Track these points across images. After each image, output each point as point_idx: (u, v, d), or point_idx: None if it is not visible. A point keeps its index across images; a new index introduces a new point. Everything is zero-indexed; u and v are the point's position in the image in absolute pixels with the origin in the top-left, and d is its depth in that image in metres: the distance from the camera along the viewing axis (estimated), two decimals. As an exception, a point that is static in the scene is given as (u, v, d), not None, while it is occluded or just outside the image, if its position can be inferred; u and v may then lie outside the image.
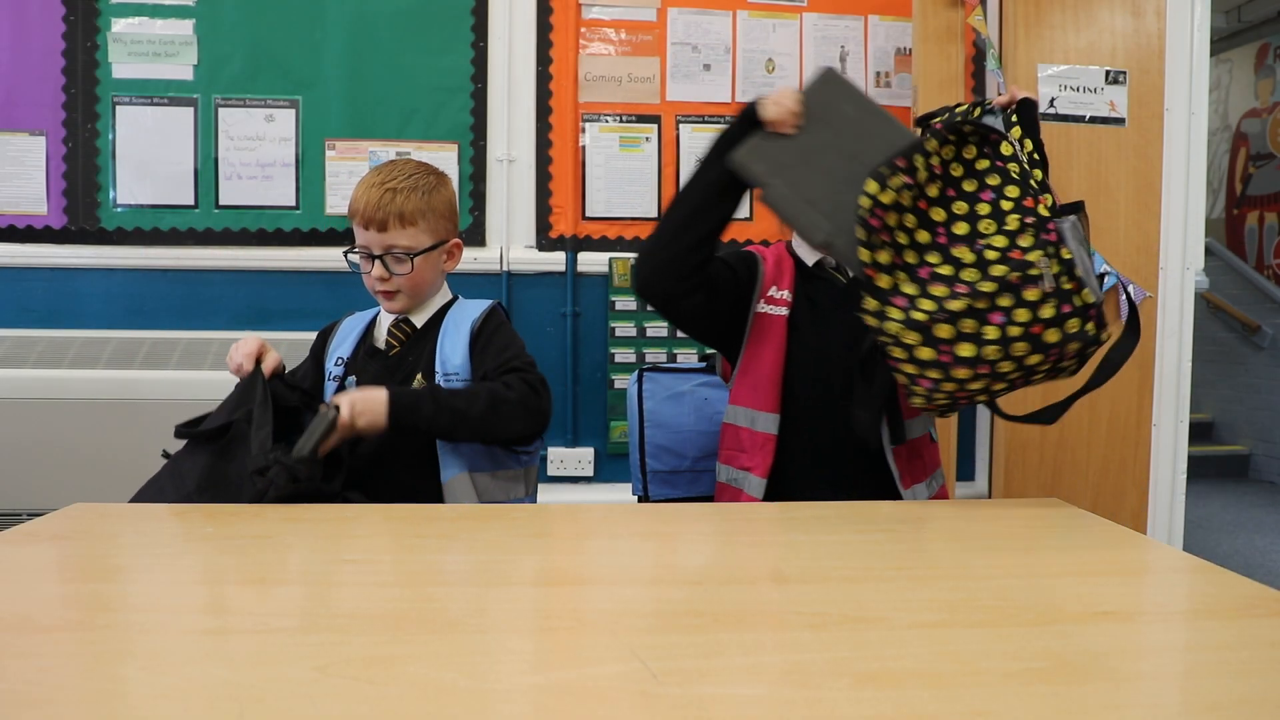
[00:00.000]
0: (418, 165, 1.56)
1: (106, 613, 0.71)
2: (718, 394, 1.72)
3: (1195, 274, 2.85)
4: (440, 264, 1.58)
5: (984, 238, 1.14)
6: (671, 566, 0.88)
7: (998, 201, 1.16)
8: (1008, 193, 1.16)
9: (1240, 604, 0.75)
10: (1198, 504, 4.36)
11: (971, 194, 1.18)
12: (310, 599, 0.75)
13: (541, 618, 0.73)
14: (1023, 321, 1.10)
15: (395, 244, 1.49)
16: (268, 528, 1.02)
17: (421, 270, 1.51)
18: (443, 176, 1.58)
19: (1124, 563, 0.89)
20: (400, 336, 1.57)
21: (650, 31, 2.89)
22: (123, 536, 0.95)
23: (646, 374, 1.77)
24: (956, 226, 1.16)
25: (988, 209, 1.16)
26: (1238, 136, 5.72)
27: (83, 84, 2.76)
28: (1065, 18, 2.73)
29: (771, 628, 0.69)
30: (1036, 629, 0.69)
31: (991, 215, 1.15)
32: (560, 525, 1.06)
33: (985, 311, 1.09)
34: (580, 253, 2.86)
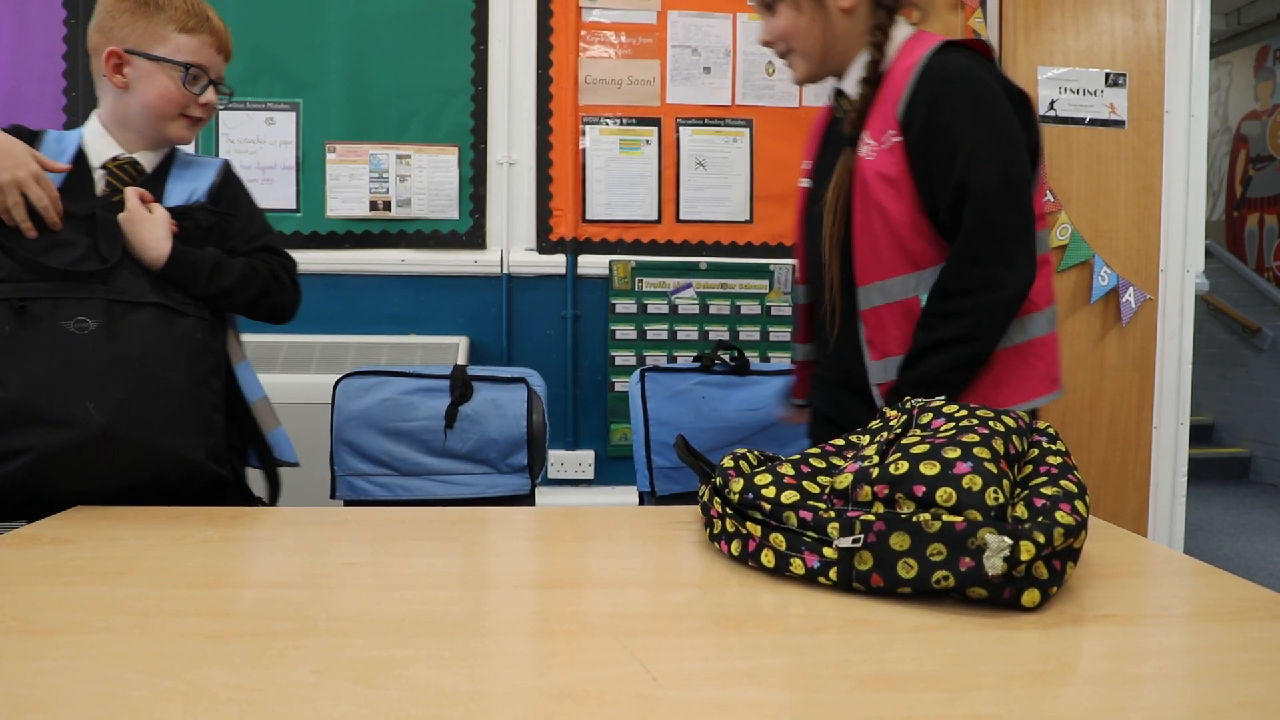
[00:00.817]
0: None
1: (106, 616, 0.71)
2: (716, 392, 1.83)
3: (1195, 276, 2.86)
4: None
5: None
6: (672, 569, 0.88)
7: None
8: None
9: (1241, 607, 0.75)
10: (1198, 506, 4.36)
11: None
12: (310, 602, 0.75)
13: (542, 620, 0.73)
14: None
15: (222, 77, 1.41)
16: (268, 530, 1.02)
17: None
18: None
19: (1124, 565, 0.88)
20: (122, 180, 1.33)
21: (650, 34, 2.89)
22: (122, 539, 0.95)
23: (648, 374, 1.82)
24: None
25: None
26: (1238, 139, 5.73)
27: (84, 87, 2.76)
28: (1065, 20, 2.73)
29: (772, 630, 0.69)
30: (1038, 632, 0.69)
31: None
32: (560, 527, 1.06)
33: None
34: (580, 255, 2.86)
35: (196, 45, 1.35)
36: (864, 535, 0.77)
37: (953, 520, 0.74)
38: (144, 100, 1.34)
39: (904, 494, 0.78)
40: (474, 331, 2.84)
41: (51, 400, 1.10)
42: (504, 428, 1.70)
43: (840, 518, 0.79)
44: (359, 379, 1.74)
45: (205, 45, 1.36)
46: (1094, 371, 2.76)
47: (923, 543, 0.74)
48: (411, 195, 2.83)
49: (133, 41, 1.33)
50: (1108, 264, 2.72)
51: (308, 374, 2.57)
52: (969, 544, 0.73)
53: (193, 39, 1.35)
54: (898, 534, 0.76)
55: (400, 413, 1.70)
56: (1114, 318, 2.76)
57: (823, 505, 0.82)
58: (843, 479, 0.83)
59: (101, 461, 1.12)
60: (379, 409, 1.71)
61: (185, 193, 1.37)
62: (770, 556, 0.83)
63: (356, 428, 1.70)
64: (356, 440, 1.69)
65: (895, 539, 0.75)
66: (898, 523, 0.76)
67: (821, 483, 0.86)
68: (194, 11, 1.36)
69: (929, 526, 0.75)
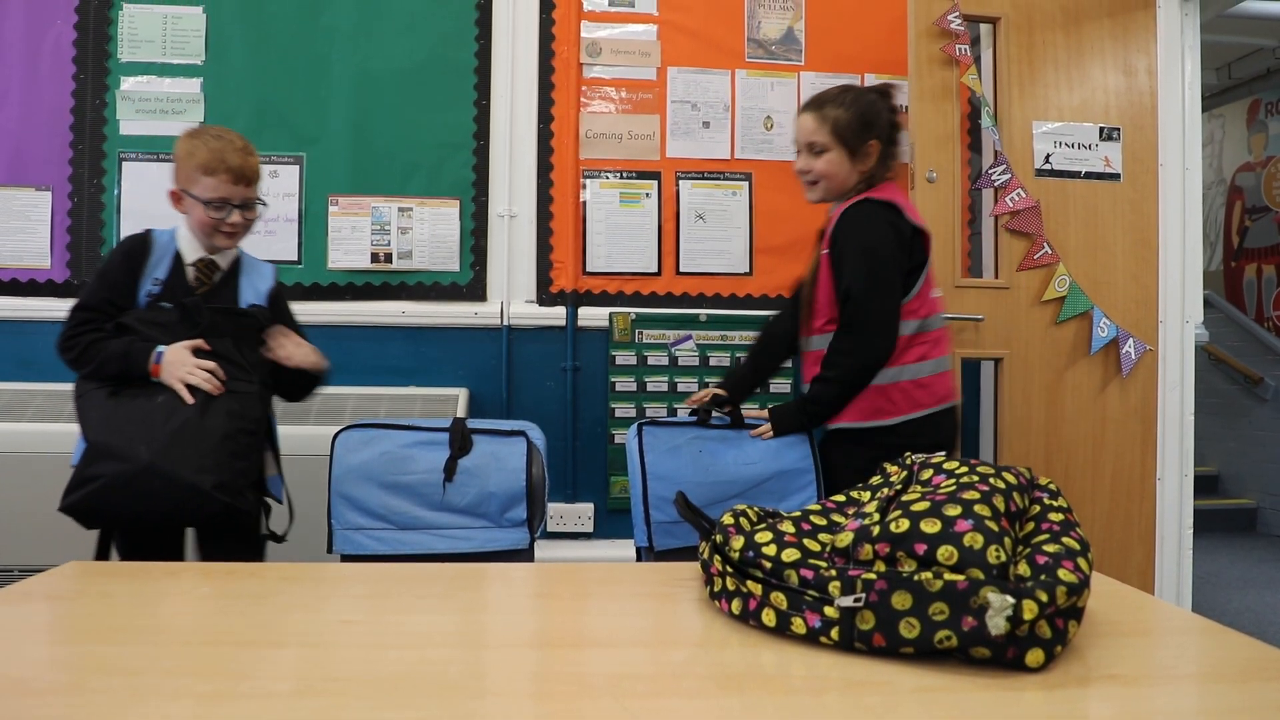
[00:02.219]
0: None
1: (101, 676, 0.70)
2: (713, 446, 1.84)
3: (1195, 327, 2.86)
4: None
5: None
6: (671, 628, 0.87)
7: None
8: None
9: (1249, 667, 0.74)
10: (1205, 559, 4.32)
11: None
12: (307, 661, 0.74)
13: (541, 681, 0.72)
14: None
15: (252, 197, 1.86)
16: (264, 586, 1.01)
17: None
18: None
19: (1131, 623, 0.87)
20: (206, 276, 1.86)
21: (650, 90, 2.94)
22: (118, 596, 0.94)
23: (645, 428, 1.81)
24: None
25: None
26: (1233, 190, 5.78)
27: (90, 140, 2.80)
28: (1058, 76, 2.78)
29: (773, 692, 0.68)
30: (1043, 693, 0.68)
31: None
32: (559, 584, 1.05)
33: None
34: (581, 307, 2.88)
35: (216, 183, 1.80)
36: (866, 594, 0.76)
37: (954, 579, 0.74)
38: (192, 224, 1.84)
39: (905, 552, 0.77)
40: (474, 383, 2.84)
41: (120, 442, 1.57)
42: (503, 481, 1.70)
43: (841, 576, 0.79)
44: (358, 432, 1.74)
45: (224, 182, 1.80)
46: (1096, 423, 2.76)
47: (925, 602, 0.74)
48: (413, 247, 2.85)
49: (180, 182, 1.83)
50: (1107, 315, 2.73)
51: (306, 425, 2.57)
52: (971, 603, 0.72)
53: (213, 179, 1.80)
54: (899, 593, 0.75)
55: (399, 466, 1.70)
56: (1114, 369, 2.76)
57: (824, 564, 0.82)
58: (844, 537, 0.82)
59: (146, 489, 1.55)
60: (378, 462, 1.69)
61: (252, 290, 1.91)
62: (771, 616, 0.82)
63: (355, 481, 1.68)
64: (354, 494, 1.68)
65: (897, 598, 0.75)
66: (899, 581, 0.75)
67: (822, 540, 0.86)
68: (214, 156, 1.81)
69: (930, 585, 0.74)
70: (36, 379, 2.70)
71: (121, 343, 1.74)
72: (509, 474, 1.71)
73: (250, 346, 1.85)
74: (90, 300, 1.78)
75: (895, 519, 0.80)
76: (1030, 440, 2.71)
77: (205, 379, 1.70)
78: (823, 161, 1.84)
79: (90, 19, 2.81)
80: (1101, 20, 2.80)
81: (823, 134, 1.83)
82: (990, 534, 0.76)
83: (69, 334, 1.75)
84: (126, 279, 1.80)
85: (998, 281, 2.73)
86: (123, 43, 2.82)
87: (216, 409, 1.70)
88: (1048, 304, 2.73)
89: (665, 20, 2.95)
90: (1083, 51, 2.79)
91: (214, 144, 1.82)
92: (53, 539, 2.44)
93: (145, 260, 1.82)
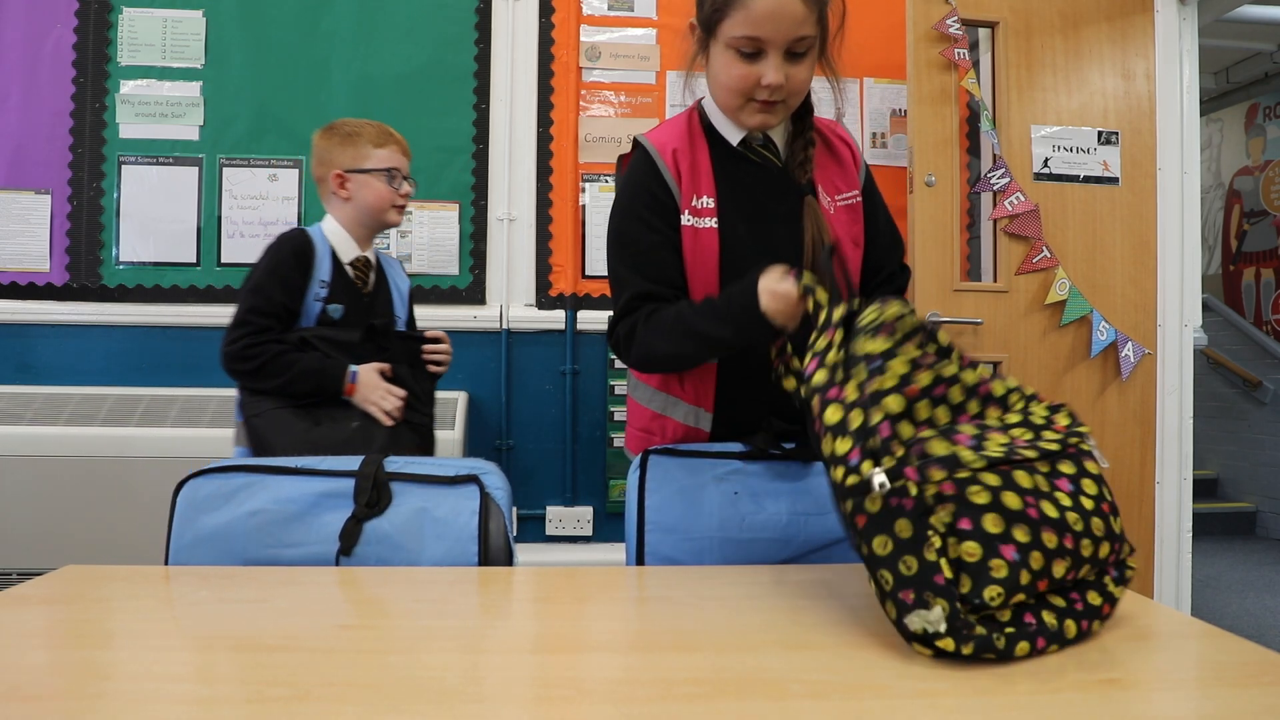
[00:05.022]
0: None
1: (98, 681, 0.70)
2: (756, 486, 1.26)
3: (1193, 330, 2.87)
4: None
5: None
6: (672, 632, 0.87)
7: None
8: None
9: (1250, 671, 0.74)
10: (1205, 562, 4.32)
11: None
12: (304, 666, 0.74)
13: (540, 686, 0.72)
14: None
15: (409, 172, 1.92)
16: (262, 591, 1.00)
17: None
18: None
19: (1129, 628, 0.87)
20: (364, 275, 1.87)
21: (650, 94, 2.94)
22: (115, 600, 0.94)
23: (653, 458, 1.28)
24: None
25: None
26: (1231, 194, 5.79)
27: (90, 144, 2.80)
28: (1057, 81, 2.78)
29: (772, 697, 0.68)
30: (1042, 697, 0.68)
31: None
32: (558, 589, 1.05)
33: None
34: (580, 311, 2.88)
35: (388, 154, 1.87)
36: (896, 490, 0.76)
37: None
38: (366, 203, 1.85)
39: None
40: (473, 386, 2.84)
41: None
42: (443, 552, 1.13)
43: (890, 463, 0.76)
44: (214, 479, 1.16)
45: (395, 153, 1.89)
46: (1095, 426, 2.76)
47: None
48: (412, 251, 2.85)
49: (346, 163, 1.85)
50: (1106, 319, 2.73)
51: (306, 429, 2.56)
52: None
53: (385, 150, 1.87)
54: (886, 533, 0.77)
55: (278, 534, 1.14)
56: (1114, 372, 2.76)
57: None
58: (940, 445, 0.77)
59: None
60: (243, 527, 1.14)
61: (397, 290, 1.96)
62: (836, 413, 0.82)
63: (205, 556, 1.13)
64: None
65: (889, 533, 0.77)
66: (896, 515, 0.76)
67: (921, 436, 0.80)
68: (381, 131, 1.89)
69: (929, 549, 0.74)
70: (35, 382, 2.71)
71: (313, 358, 1.68)
72: (452, 542, 1.14)
73: (422, 372, 1.85)
74: (267, 305, 1.69)
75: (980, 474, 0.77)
76: (1029, 444, 2.71)
77: (397, 406, 1.69)
78: (804, 68, 1.24)
79: (90, 22, 2.81)
80: (1100, 24, 2.81)
81: (810, 25, 1.21)
82: (1023, 563, 0.75)
83: (249, 343, 1.65)
84: (300, 280, 1.74)
85: (996, 285, 2.73)
86: (122, 46, 2.82)
87: (405, 439, 1.70)
88: (1047, 308, 2.73)
89: (664, 24, 2.95)
90: (1081, 55, 2.80)
91: (369, 124, 1.90)
92: (51, 542, 2.45)
93: (313, 259, 1.76)
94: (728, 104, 1.28)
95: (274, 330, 1.68)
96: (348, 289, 1.81)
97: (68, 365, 2.75)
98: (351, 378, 1.69)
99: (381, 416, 1.68)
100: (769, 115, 1.27)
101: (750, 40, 1.19)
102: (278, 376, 1.64)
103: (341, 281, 1.80)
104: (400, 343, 1.82)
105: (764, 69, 1.21)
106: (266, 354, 1.65)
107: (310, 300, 1.73)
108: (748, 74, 1.22)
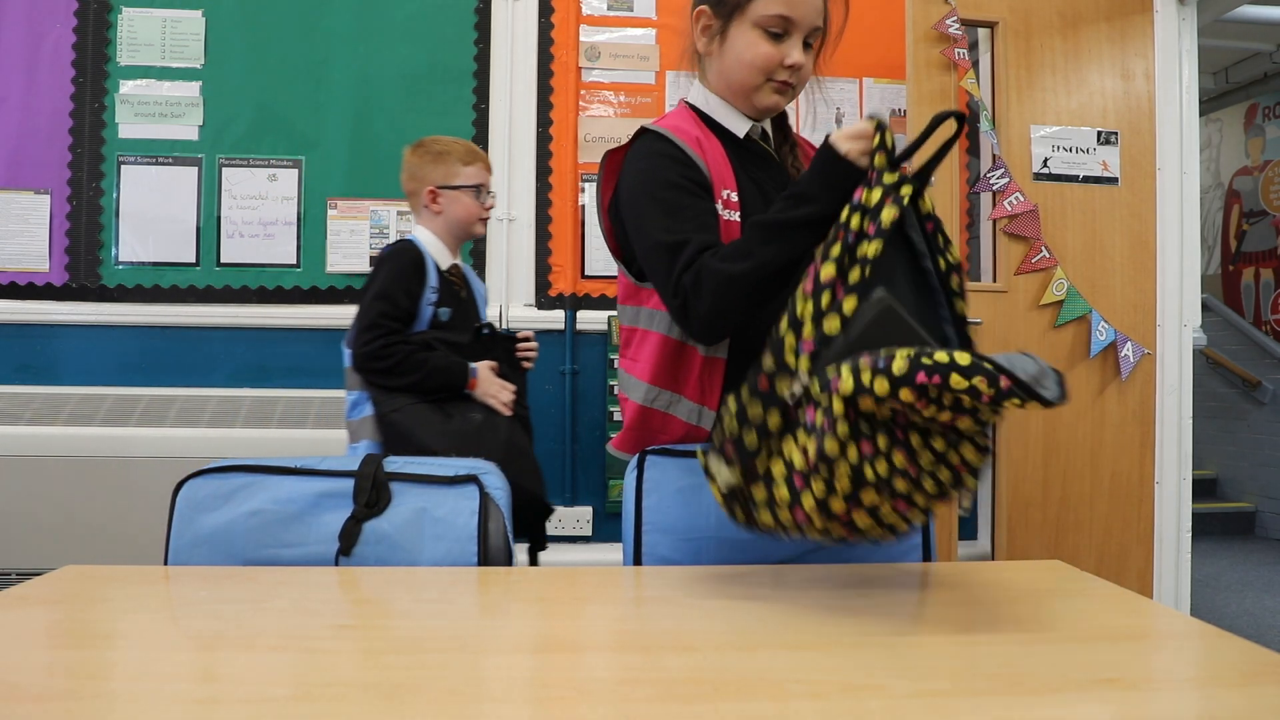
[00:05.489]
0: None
1: (96, 681, 0.70)
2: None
3: (1193, 330, 2.87)
4: None
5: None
6: (671, 632, 0.87)
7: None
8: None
9: (1248, 671, 0.74)
10: (1204, 562, 4.32)
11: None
12: (304, 666, 0.74)
13: (539, 687, 0.72)
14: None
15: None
16: (261, 591, 1.00)
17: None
18: None
19: (1128, 628, 0.87)
20: (458, 279, 2.03)
21: (649, 94, 2.94)
22: (115, 601, 0.94)
23: (650, 458, 1.25)
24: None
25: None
26: (1230, 194, 5.79)
27: (89, 144, 2.80)
28: (1056, 81, 2.78)
29: (772, 697, 0.68)
30: (1041, 697, 0.68)
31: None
32: (558, 588, 1.05)
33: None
34: (579, 311, 2.88)
35: (476, 171, 2.03)
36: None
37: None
38: (456, 216, 2.02)
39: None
40: (473, 386, 2.84)
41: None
42: (443, 552, 1.14)
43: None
44: (214, 479, 1.16)
45: (481, 170, 2.04)
46: (1094, 426, 2.76)
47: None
48: (412, 251, 2.85)
49: (438, 180, 2.01)
50: (1105, 319, 2.73)
51: (304, 429, 2.57)
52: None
53: (473, 168, 2.03)
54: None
55: (278, 533, 1.15)
56: (1113, 372, 2.76)
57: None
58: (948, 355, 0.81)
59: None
60: (243, 527, 1.14)
61: (480, 296, 2.12)
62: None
63: (204, 557, 1.14)
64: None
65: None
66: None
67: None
68: (469, 149, 2.05)
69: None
70: (34, 382, 2.71)
71: (439, 357, 1.86)
72: (451, 542, 1.14)
73: (517, 368, 2.05)
74: (394, 310, 1.86)
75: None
76: (1028, 444, 2.71)
77: (511, 399, 1.88)
78: (811, 60, 1.30)
79: (90, 22, 2.81)
80: (1099, 24, 2.81)
81: (822, 19, 1.27)
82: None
83: (385, 344, 1.82)
84: (418, 287, 1.91)
85: (996, 285, 2.73)
86: (122, 46, 2.82)
87: (518, 428, 1.88)
88: (1046, 308, 2.73)
89: (664, 24, 2.95)
90: (1080, 55, 2.80)
91: (457, 142, 2.06)
92: (50, 542, 2.45)
93: (425, 268, 1.94)
94: (747, 82, 1.28)
95: (400, 332, 1.86)
96: (451, 294, 1.98)
97: (67, 365, 2.75)
98: (472, 374, 1.87)
99: (501, 408, 1.86)
100: (782, 97, 1.29)
101: (781, 20, 1.23)
102: (411, 374, 1.82)
103: (446, 287, 1.97)
104: (502, 342, 2.03)
105: (788, 49, 1.24)
106: (399, 354, 1.82)
107: (424, 305, 1.91)
108: (773, 54, 1.24)
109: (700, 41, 1.32)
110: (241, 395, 2.68)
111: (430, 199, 2.01)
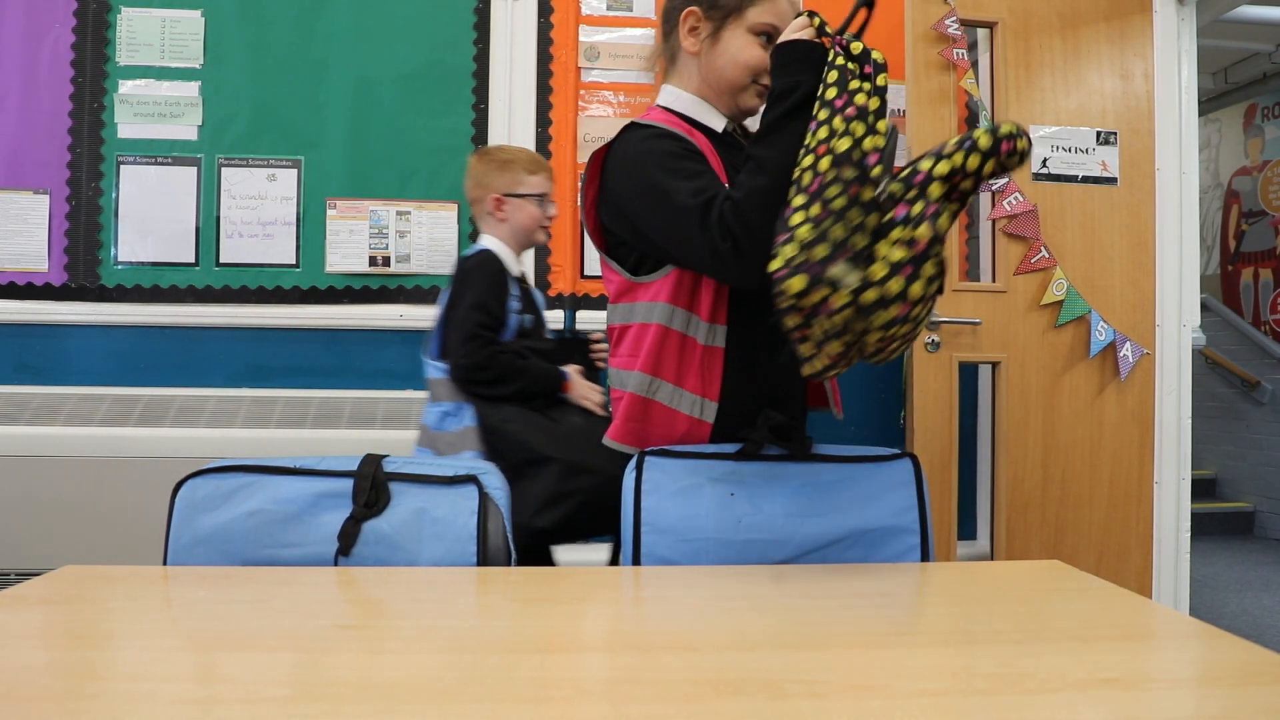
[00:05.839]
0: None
1: (94, 681, 0.70)
2: (753, 488, 1.25)
3: (1192, 330, 2.87)
4: None
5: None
6: (671, 632, 0.87)
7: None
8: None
9: (1248, 671, 0.74)
10: (1203, 562, 4.32)
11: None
12: (303, 666, 0.74)
13: (538, 687, 0.72)
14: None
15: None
16: (261, 591, 1.00)
17: None
18: None
19: (1127, 628, 0.87)
20: (527, 289, 2.07)
21: (649, 94, 2.94)
22: (113, 601, 0.94)
23: (650, 459, 1.26)
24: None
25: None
26: (1229, 194, 5.80)
27: (88, 143, 2.80)
28: (1055, 80, 2.78)
29: (771, 696, 0.68)
30: (1041, 697, 0.68)
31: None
32: (555, 588, 1.05)
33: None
34: (579, 310, 2.88)
35: (540, 180, 2.08)
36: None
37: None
38: (520, 224, 2.06)
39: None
40: (472, 386, 2.84)
41: (581, 458, 1.57)
42: (442, 552, 1.14)
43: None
44: (213, 479, 1.17)
45: (545, 179, 2.09)
46: (1093, 426, 2.76)
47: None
48: (411, 251, 2.85)
49: (503, 187, 2.05)
50: (1104, 319, 2.73)
51: (303, 429, 2.57)
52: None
53: (537, 177, 2.07)
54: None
55: (277, 533, 1.15)
56: (1112, 372, 2.76)
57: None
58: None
59: (607, 498, 1.34)
60: (241, 528, 1.14)
61: (534, 293, 2.12)
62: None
63: (204, 557, 1.14)
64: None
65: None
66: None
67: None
68: (533, 159, 2.11)
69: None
70: (33, 382, 2.70)
71: (536, 364, 1.90)
72: (450, 542, 1.14)
73: (594, 370, 2.10)
74: (490, 320, 1.90)
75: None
76: (1028, 444, 2.71)
77: (602, 400, 1.90)
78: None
79: (89, 22, 2.81)
80: (1098, 24, 2.81)
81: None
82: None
83: (490, 354, 1.86)
84: (506, 296, 1.97)
85: (995, 285, 2.73)
86: (121, 46, 2.82)
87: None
88: (1045, 308, 2.73)
89: (663, 24, 2.95)
90: (1079, 56, 2.80)
91: (522, 151, 2.13)
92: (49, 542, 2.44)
93: (507, 276, 1.99)
94: (737, 81, 1.35)
95: (497, 342, 1.89)
96: (530, 300, 2.04)
97: (66, 365, 2.75)
98: (565, 378, 1.92)
99: (596, 409, 1.89)
100: (761, 101, 1.37)
101: (771, 28, 1.32)
102: (513, 382, 1.84)
103: (525, 297, 2.02)
104: (576, 345, 2.10)
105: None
106: (503, 364, 1.86)
107: (509, 313, 1.95)
108: (764, 58, 1.31)
109: (687, 41, 1.37)
110: (240, 395, 2.68)
111: (495, 206, 2.05)
